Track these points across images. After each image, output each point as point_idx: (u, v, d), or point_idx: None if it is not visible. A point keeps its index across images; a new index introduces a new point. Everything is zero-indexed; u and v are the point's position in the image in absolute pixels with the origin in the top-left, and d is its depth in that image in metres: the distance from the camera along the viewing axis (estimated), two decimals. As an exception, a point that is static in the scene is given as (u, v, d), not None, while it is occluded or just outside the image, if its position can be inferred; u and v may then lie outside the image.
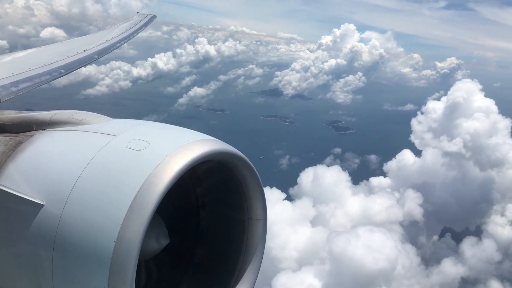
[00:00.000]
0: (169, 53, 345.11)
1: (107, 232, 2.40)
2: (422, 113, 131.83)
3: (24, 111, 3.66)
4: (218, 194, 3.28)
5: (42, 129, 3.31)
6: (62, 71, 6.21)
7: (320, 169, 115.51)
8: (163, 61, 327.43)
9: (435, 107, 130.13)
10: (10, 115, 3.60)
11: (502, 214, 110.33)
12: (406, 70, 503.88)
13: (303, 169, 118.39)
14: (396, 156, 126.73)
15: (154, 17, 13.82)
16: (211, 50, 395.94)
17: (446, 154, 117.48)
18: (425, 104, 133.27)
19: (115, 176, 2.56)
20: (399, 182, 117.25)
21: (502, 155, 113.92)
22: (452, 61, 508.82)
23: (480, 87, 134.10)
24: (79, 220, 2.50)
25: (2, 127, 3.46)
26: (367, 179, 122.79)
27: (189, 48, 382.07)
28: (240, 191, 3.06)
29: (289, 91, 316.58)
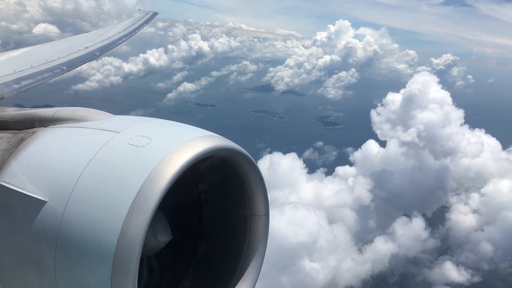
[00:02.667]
0: (161, 49, 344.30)
1: (110, 228, 2.40)
2: (382, 105, 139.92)
3: (26, 108, 3.66)
4: (220, 190, 3.29)
5: (44, 126, 3.31)
6: (64, 68, 6.23)
7: (276, 156, 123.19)
8: (155, 57, 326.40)
9: (394, 99, 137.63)
10: (12, 112, 3.60)
11: (466, 203, 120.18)
12: (401, 66, 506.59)
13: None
14: (362, 146, 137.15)
15: (155, 14, 13.91)
16: (205, 46, 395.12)
17: (403, 143, 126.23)
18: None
19: (117, 173, 2.56)
20: (362, 171, 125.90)
21: (455, 144, 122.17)
22: (447, 57, 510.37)
23: (437, 79, 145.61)
24: (82, 217, 2.51)
25: (4, 124, 3.46)
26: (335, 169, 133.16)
27: (183, 44, 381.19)
28: (242, 187, 3.07)
29: (281, 87, 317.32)
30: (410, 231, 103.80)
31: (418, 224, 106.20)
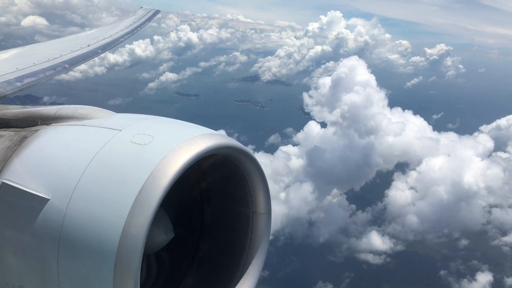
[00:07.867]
0: (147, 40, 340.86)
1: (112, 226, 2.41)
2: (315, 88, 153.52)
3: (28, 106, 3.65)
4: (222, 188, 3.29)
5: (47, 124, 3.31)
6: (66, 65, 6.26)
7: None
8: (141, 48, 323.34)
9: (325, 82, 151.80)
10: (15, 110, 3.59)
11: (404, 181, 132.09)
12: (393, 56, 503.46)
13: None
14: (304, 128, 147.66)
15: (157, 11, 14.04)
16: (193, 37, 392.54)
17: (331, 124, 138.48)
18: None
19: (119, 171, 2.56)
20: (301, 150, 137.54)
21: (377, 123, 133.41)
22: (441, 47, 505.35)
23: (365, 64, 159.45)
24: (84, 215, 2.51)
25: (7, 122, 3.46)
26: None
27: (172, 35, 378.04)
28: (245, 185, 3.08)
29: (267, 77, 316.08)
30: (299, 196, 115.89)
31: (307, 189, 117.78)
